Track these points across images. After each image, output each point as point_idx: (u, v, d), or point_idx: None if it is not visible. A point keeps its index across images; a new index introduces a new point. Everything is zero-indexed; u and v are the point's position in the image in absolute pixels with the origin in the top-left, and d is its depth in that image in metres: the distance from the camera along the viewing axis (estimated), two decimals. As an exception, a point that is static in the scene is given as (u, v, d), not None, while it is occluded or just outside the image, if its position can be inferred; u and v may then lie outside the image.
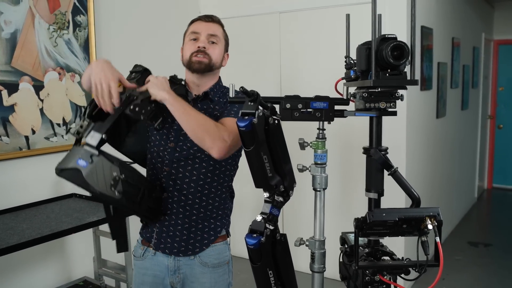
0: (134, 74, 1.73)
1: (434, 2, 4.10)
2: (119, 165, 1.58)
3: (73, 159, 1.54)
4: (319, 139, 1.58)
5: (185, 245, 1.81)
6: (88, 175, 1.51)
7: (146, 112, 1.62)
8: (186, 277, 1.83)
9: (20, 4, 2.79)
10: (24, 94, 2.83)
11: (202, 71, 1.79)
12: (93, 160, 1.53)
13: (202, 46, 1.78)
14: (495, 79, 7.20)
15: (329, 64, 3.65)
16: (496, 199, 6.97)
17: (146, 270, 1.85)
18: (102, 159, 1.55)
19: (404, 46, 1.37)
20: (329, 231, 1.75)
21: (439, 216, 1.36)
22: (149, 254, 1.85)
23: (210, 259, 1.83)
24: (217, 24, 1.86)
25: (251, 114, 1.31)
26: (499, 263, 4.32)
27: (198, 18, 1.86)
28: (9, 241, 2.13)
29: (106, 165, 1.56)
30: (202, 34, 1.80)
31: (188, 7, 4.22)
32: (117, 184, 1.56)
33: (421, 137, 3.97)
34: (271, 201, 1.46)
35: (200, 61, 1.77)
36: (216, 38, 1.83)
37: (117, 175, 1.56)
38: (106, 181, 1.54)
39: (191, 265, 1.82)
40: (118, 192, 1.56)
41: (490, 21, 6.94)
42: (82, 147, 1.56)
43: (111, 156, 1.59)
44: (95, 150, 1.54)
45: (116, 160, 1.59)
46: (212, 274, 1.83)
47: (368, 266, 1.46)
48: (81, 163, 1.52)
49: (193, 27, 1.84)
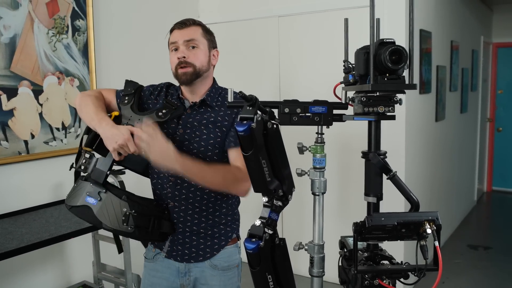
0: (127, 99, 1.76)
1: (432, 5, 4.11)
2: (128, 200, 1.63)
3: (81, 195, 1.60)
4: (317, 144, 1.58)
5: (195, 251, 1.82)
6: (99, 212, 1.58)
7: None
8: (197, 279, 1.84)
9: (19, 8, 2.80)
10: (23, 98, 2.83)
11: (190, 82, 1.77)
12: (101, 197, 1.59)
13: (182, 57, 1.75)
14: (494, 82, 7.20)
15: (327, 68, 3.66)
16: (495, 202, 6.97)
17: (156, 272, 1.86)
18: (111, 196, 1.61)
19: (402, 50, 1.37)
20: (328, 235, 1.74)
21: (438, 220, 1.36)
22: (160, 257, 1.86)
23: (220, 262, 1.84)
24: (193, 27, 1.80)
25: (249, 118, 1.31)
26: (499, 266, 4.31)
27: (173, 27, 1.82)
28: (8, 245, 2.13)
29: (115, 202, 1.61)
30: (179, 43, 1.77)
31: (186, 11, 4.22)
32: (128, 219, 1.61)
33: (420, 141, 3.97)
34: (270, 205, 1.46)
35: (184, 72, 1.75)
36: (195, 41, 1.78)
37: (127, 210, 1.61)
38: (117, 217, 1.61)
39: (202, 268, 1.83)
40: (130, 226, 1.62)
41: (489, 24, 6.95)
42: (89, 183, 1.62)
43: (117, 190, 1.65)
44: (102, 188, 1.61)
45: (123, 194, 1.64)
46: (222, 277, 1.84)
47: (367, 271, 1.46)
48: (90, 200, 1.59)
49: (171, 37, 1.81)
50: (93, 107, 1.71)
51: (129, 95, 1.77)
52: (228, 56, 4.26)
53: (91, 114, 1.69)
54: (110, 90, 1.87)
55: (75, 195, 1.64)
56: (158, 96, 1.85)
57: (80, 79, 3.17)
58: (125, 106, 1.73)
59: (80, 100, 1.77)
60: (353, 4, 3.48)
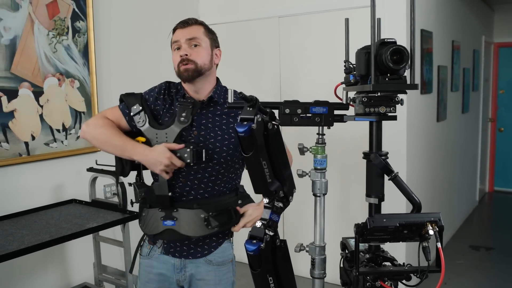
0: (141, 119, 1.80)
1: (433, 5, 4.10)
2: (199, 206, 1.77)
3: (157, 222, 1.79)
4: (318, 144, 1.57)
5: (194, 248, 1.83)
6: (182, 229, 1.76)
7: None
8: (192, 275, 1.85)
9: (20, 10, 2.79)
10: (23, 100, 2.82)
11: (192, 78, 1.78)
12: (176, 217, 1.77)
13: (184, 54, 1.76)
14: (496, 82, 7.19)
15: (328, 69, 3.64)
16: (497, 202, 6.95)
17: (152, 268, 1.86)
18: (183, 211, 1.77)
19: (403, 50, 1.37)
20: (329, 237, 1.74)
21: (440, 221, 1.36)
22: (155, 253, 1.87)
23: (215, 257, 1.86)
24: (195, 26, 1.82)
25: (250, 119, 1.31)
26: (501, 267, 4.30)
27: (176, 26, 1.84)
28: (9, 247, 2.12)
29: (190, 214, 1.77)
30: (181, 41, 1.78)
31: (187, 12, 4.22)
32: (210, 222, 1.77)
33: (422, 141, 3.96)
34: (270, 206, 1.46)
35: (186, 69, 1.76)
36: (197, 40, 1.79)
37: (204, 215, 1.77)
38: (199, 225, 1.77)
39: (197, 264, 1.84)
40: (214, 227, 1.78)
41: (490, 23, 6.94)
42: (157, 209, 1.79)
43: (183, 203, 1.80)
44: (171, 209, 1.78)
45: (193, 204, 1.78)
46: (217, 272, 1.86)
47: (369, 272, 1.45)
48: (168, 223, 1.78)
49: (174, 36, 1.82)
50: (117, 137, 1.75)
51: (139, 112, 1.78)
52: (228, 57, 4.25)
53: (120, 145, 1.74)
54: (113, 110, 1.85)
55: (150, 223, 1.80)
56: (163, 99, 1.83)
57: (81, 81, 3.16)
58: (144, 127, 1.77)
59: (94, 133, 1.78)
60: (353, 4, 3.47)
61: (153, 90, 1.87)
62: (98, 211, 2.76)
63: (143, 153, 1.70)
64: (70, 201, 3.01)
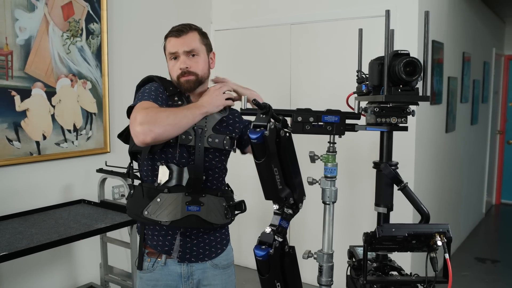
0: (178, 101, 1.79)
1: (445, 16, 4.11)
2: (222, 194, 1.83)
3: (177, 207, 1.71)
4: (329, 153, 1.58)
5: (209, 249, 1.84)
6: (208, 216, 1.75)
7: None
8: (200, 281, 1.85)
9: (35, 11, 2.83)
10: (36, 100, 2.85)
11: (193, 89, 1.79)
12: (203, 202, 1.74)
13: (185, 67, 1.74)
14: (505, 94, 7.17)
15: (338, 77, 3.66)
16: (504, 215, 6.92)
17: (156, 281, 1.81)
18: (210, 198, 1.76)
19: (417, 62, 1.38)
20: (336, 244, 1.74)
21: (449, 232, 1.36)
22: (158, 265, 1.81)
23: (220, 261, 1.88)
24: (190, 34, 1.78)
25: (263, 126, 1.32)
26: (507, 280, 4.28)
27: (170, 34, 1.79)
28: (18, 245, 2.14)
29: (215, 201, 1.78)
30: (179, 53, 1.75)
31: (199, 16, 4.25)
32: (228, 212, 1.82)
33: (430, 152, 3.96)
34: (280, 213, 1.47)
35: (187, 80, 1.76)
36: (195, 50, 1.77)
37: (226, 204, 1.81)
38: (221, 214, 1.79)
39: (204, 269, 1.84)
40: (231, 218, 1.85)
41: (501, 36, 6.93)
42: (181, 193, 1.72)
43: (211, 189, 1.80)
44: (200, 194, 1.75)
45: (218, 191, 1.81)
46: (223, 275, 1.88)
47: (376, 281, 1.46)
48: (192, 208, 1.72)
49: (169, 46, 1.79)
50: (176, 110, 1.62)
51: (175, 94, 1.78)
52: (240, 63, 4.28)
53: (186, 112, 1.62)
54: (150, 103, 1.63)
55: (169, 209, 1.70)
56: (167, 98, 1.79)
57: (93, 82, 3.19)
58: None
59: (158, 123, 1.51)
60: (365, 14, 3.48)
61: (154, 85, 1.78)
62: (106, 212, 2.78)
63: (202, 103, 1.70)
64: (79, 201, 3.04)
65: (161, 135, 1.51)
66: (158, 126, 1.50)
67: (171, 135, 1.57)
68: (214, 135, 1.74)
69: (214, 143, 1.74)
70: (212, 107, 1.72)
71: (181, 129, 1.59)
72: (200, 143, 1.72)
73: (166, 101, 1.74)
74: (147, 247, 1.83)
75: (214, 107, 1.72)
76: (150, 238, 1.81)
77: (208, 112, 1.70)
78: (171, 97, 1.78)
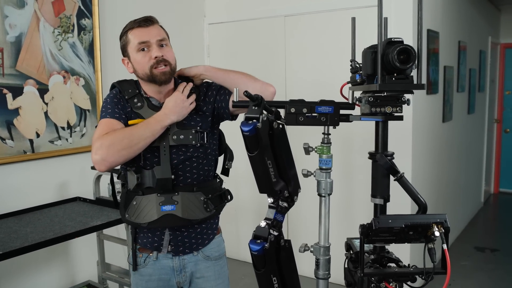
0: (137, 102, 1.76)
1: (440, 5, 4.08)
2: (199, 188, 1.78)
3: (152, 209, 1.72)
4: (324, 144, 1.56)
5: (201, 237, 1.83)
6: (184, 214, 1.72)
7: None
8: (192, 274, 1.85)
9: (25, 7, 2.79)
10: (28, 97, 2.82)
11: (168, 81, 1.74)
12: (177, 201, 1.73)
13: (160, 55, 1.69)
14: (502, 83, 7.15)
15: (334, 68, 3.63)
16: (502, 204, 6.92)
17: (150, 276, 1.83)
18: (183, 194, 1.74)
19: (410, 49, 1.36)
20: (333, 237, 1.73)
21: (446, 223, 1.35)
22: (150, 260, 1.83)
23: (212, 252, 1.87)
24: (157, 25, 1.75)
25: (255, 118, 1.30)
26: (506, 268, 4.27)
27: (138, 25, 1.72)
28: (13, 244, 2.12)
29: (191, 196, 1.76)
30: (152, 42, 1.69)
31: (192, 11, 4.22)
32: (208, 205, 1.78)
33: (427, 142, 3.95)
34: (275, 206, 1.45)
35: (164, 72, 1.69)
36: (165, 40, 1.74)
37: (204, 198, 1.77)
38: (199, 208, 1.76)
39: (195, 261, 1.84)
40: (212, 210, 1.80)
41: (496, 24, 6.90)
42: (154, 194, 1.73)
43: (183, 186, 1.75)
44: (172, 192, 1.74)
45: (191, 187, 1.77)
46: (215, 266, 1.88)
47: (374, 273, 1.44)
48: (167, 208, 1.72)
49: (137, 36, 1.71)
50: (132, 129, 1.63)
51: (136, 95, 1.75)
52: (234, 55, 4.26)
53: (145, 131, 1.63)
54: (108, 121, 1.69)
55: (145, 211, 1.71)
56: (123, 106, 1.76)
57: (86, 78, 3.16)
58: (143, 109, 1.73)
59: (112, 148, 1.58)
60: (359, 3, 3.45)
61: (110, 95, 1.79)
62: (102, 209, 2.76)
63: (164, 113, 1.66)
64: (74, 199, 3.01)
65: (115, 162, 1.60)
66: (112, 155, 1.58)
67: (128, 157, 1.62)
68: (178, 131, 1.71)
69: (179, 140, 1.71)
70: (177, 116, 1.68)
71: (139, 150, 1.63)
72: (164, 142, 1.70)
73: (124, 108, 1.73)
74: (138, 245, 1.85)
75: (179, 116, 1.69)
76: (141, 236, 1.84)
77: (173, 122, 1.68)
78: (131, 99, 1.75)
